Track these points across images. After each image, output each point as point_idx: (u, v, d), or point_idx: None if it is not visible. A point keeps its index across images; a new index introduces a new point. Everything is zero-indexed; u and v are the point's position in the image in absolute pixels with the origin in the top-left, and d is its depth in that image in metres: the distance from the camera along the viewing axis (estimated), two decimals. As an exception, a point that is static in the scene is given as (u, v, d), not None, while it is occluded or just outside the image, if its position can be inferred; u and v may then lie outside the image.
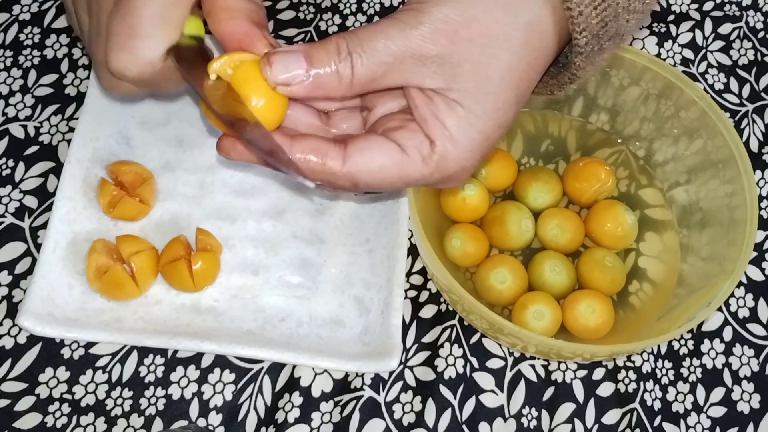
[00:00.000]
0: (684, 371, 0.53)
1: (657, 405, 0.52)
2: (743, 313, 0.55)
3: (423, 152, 0.37)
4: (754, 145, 0.60)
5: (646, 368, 0.52)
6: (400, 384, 0.51)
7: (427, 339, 0.52)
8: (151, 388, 0.50)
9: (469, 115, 0.36)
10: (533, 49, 0.37)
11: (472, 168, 0.38)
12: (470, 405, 0.51)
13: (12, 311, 0.51)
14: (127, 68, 0.37)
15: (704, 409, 0.52)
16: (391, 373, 0.51)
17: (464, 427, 0.50)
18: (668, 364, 0.53)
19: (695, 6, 0.65)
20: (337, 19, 0.62)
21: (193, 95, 0.52)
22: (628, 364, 0.52)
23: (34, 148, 0.56)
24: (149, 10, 0.36)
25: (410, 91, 0.38)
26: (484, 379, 0.51)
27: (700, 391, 0.53)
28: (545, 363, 0.52)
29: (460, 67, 0.36)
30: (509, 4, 0.36)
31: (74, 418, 0.49)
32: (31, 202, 0.55)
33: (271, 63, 0.36)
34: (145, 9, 0.36)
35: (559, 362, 0.52)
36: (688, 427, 0.52)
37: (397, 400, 0.50)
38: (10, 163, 0.56)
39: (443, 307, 0.53)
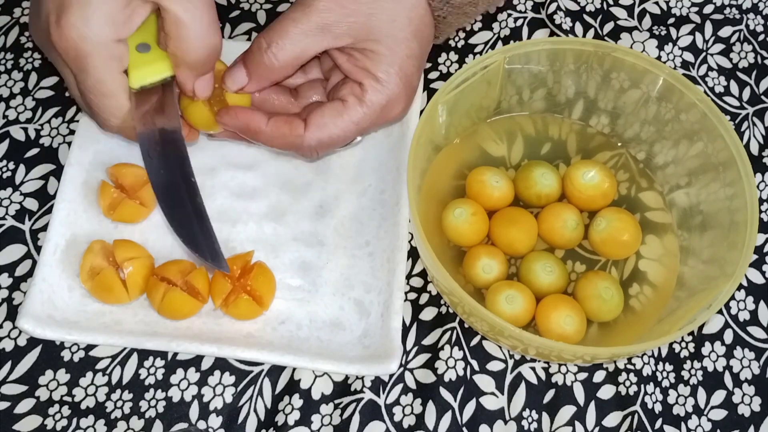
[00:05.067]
0: (685, 374, 0.53)
1: (658, 408, 0.52)
2: (744, 315, 0.55)
3: (356, 95, 0.46)
4: (754, 148, 0.60)
5: (647, 371, 0.52)
6: (400, 386, 0.51)
7: (428, 341, 0.52)
8: (151, 390, 0.50)
9: (380, 55, 0.46)
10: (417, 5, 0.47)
11: (402, 97, 0.47)
12: (470, 407, 0.51)
13: (12, 314, 0.51)
14: (110, 124, 0.46)
15: (705, 412, 0.52)
16: (391, 376, 0.51)
17: (464, 429, 0.50)
18: (669, 367, 0.53)
19: (695, 9, 0.65)
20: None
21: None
22: (629, 366, 0.52)
23: (34, 151, 0.56)
24: (101, 77, 0.43)
25: (332, 53, 0.47)
26: (485, 382, 0.51)
27: (701, 393, 0.53)
28: (546, 365, 0.52)
29: (363, 23, 0.45)
30: None
31: (74, 420, 0.49)
32: (31, 204, 0.55)
33: (224, 81, 0.48)
34: (96, 77, 0.43)
35: (560, 365, 0.52)
36: (689, 429, 0.51)
37: (397, 402, 0.50)
38: (11, 165, 0.56)
39: (443, 309, 0.53)
